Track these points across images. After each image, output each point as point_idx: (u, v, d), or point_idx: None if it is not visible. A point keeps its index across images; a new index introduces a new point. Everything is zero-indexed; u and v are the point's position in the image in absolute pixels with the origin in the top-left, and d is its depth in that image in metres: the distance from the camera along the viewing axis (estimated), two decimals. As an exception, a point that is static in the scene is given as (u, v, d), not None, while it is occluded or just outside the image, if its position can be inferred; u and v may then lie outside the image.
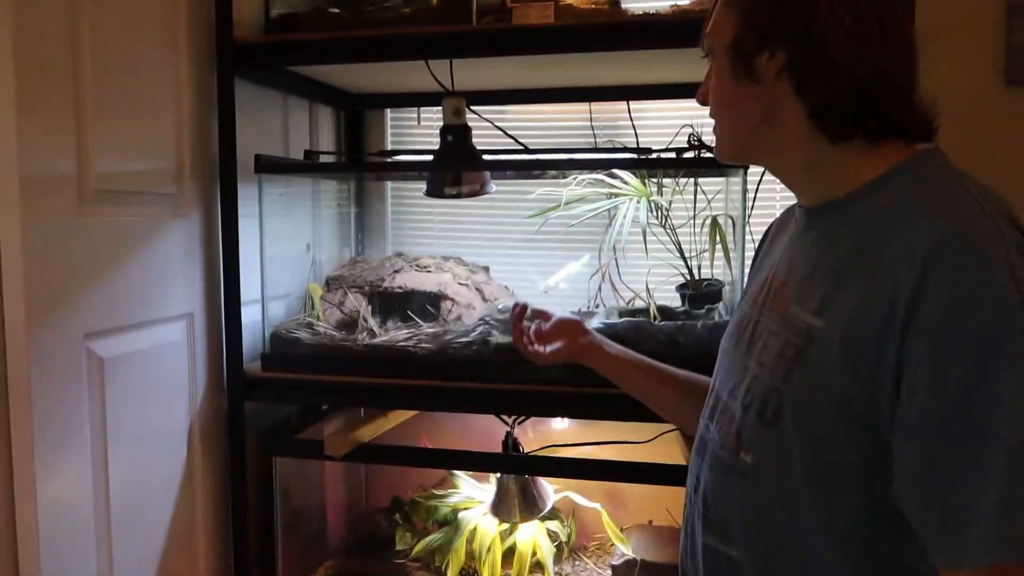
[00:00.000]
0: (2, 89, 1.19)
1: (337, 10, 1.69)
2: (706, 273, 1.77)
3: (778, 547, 0.84)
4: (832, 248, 0.84)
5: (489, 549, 1.91)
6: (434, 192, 1.87)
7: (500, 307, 1.77)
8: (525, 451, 1.81)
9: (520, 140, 1.94)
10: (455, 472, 2.09)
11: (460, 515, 1.99)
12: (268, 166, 1.73)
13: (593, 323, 1.62)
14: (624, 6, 1.59)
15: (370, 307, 1.82)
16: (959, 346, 0.69)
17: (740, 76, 0.87)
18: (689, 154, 1.61)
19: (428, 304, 1.80)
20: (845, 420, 0.77)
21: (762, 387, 0.86)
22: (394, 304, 1.83)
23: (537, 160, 1.91)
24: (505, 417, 1.77)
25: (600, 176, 1.73)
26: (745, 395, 0.88)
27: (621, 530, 1.95)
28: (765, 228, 1.12)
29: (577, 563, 2.02)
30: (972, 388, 0.68)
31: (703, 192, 1.82)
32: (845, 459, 0.78)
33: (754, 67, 0.86)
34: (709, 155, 1.63)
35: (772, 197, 1.96)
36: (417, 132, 2.27)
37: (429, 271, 1.89)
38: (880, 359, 0.73)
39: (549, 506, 1.86)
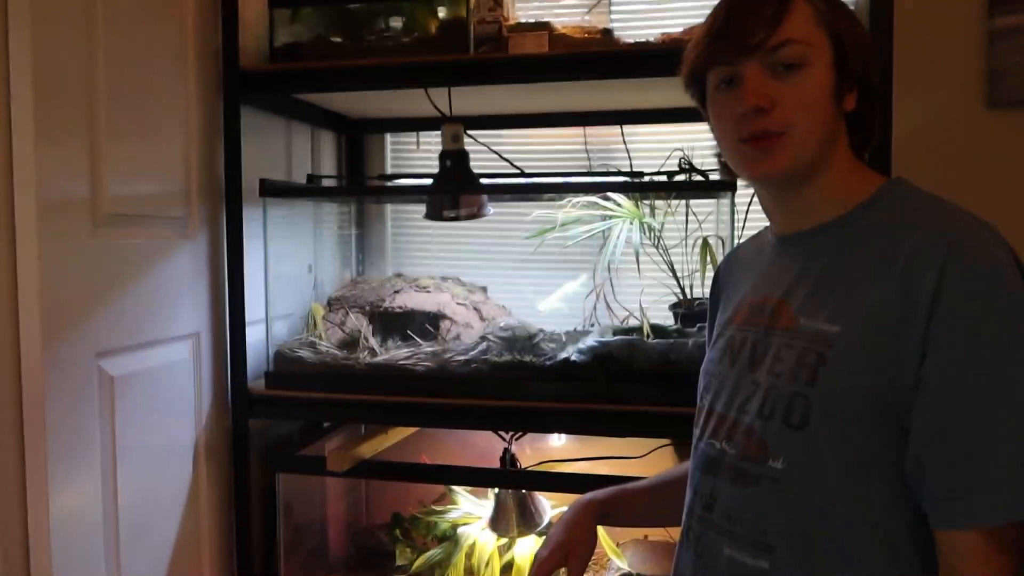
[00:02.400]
0: (22, 117, 1.24)
1: (339, 40, 1.74)
2: (697, 292, 1.81)
3: (814, 547, 0.87)
4: (835, 263, 0.92)
5: (488, 564, 1.93)
6: (433, 215, 1.91)
7: (502, 324, 1.80)
8: (522, 467, 1.85)
9: (516, 164, 1.98)
10: (454, 488, 2.11)
11: (459, 530, 2.01)
12: (272, 190, 1.77)
13: (588, 341, 1.67)
14: (616, 35, 1.64)
15: (371, 326, 1.86)
16: (979, 332, 0.78)
17: (835, 97, 0.93)
18: (680, 177, 1.66)
19: (427, 323, 1.84)
20: (874, 413, 0.84)
21: (783, 395, 0.90)
22: (394, 324, 1.86)
23: (533, 184, 1.96)
24: (503, 433, 1.81)
25: (594, 199, 1.78)
26: (762, 406, 0.92)
27: (617, 545, 1.98)
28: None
29: (574, 578, 2.05)
30: (994, 367, 0.78)
31: (694, 214, 1.88)
32: (874, 451, 0.84)
33: (843, 93, 0.94)
34: (700, 178, 1.68)
35: (762, 218, 1.99)
36: (416, 156, 2.31)
37: (428, 291, 1.93)
38: (902, 352, 0.82)
39: (546, 521, 1.88)
